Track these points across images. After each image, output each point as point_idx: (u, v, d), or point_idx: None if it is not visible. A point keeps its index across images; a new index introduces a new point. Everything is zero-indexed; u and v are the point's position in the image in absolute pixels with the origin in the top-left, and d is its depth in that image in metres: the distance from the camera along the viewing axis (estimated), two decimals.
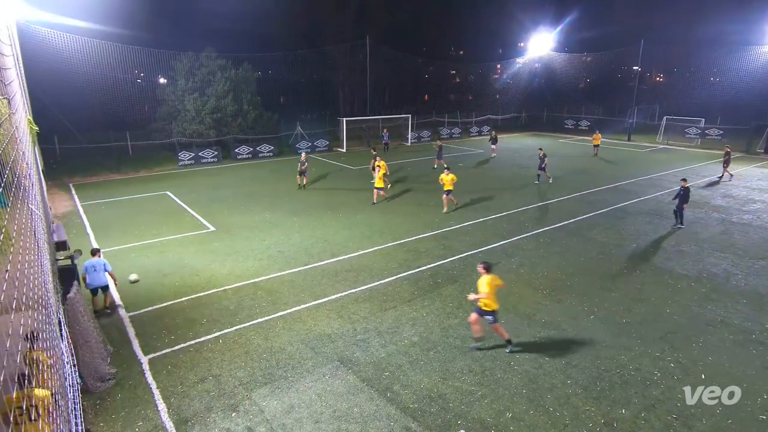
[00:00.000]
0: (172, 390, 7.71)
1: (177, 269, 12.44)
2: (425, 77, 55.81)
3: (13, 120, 6.60)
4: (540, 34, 47.14)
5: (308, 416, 7.10)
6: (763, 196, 20.09)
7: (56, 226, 12.08)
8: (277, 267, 12.60)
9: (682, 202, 15.65)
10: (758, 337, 9.26)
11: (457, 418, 7.06)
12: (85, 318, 7.86)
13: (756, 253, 13.59)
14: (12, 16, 16.40)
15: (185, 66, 29.68)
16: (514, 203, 18.87)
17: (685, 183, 15.82)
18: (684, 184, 15.78)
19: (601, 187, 21.71)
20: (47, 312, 4.85)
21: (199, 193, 20.65)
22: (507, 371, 8.18)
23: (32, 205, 6.25)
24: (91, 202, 19.18)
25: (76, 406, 5.50)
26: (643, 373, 8.14)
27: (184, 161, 27.27)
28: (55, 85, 25.07)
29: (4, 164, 4.14)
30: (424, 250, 13.74)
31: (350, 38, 40.50)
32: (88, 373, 7.63)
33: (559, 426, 6.91)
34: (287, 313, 10.13)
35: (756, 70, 35.22)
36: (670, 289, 11.35)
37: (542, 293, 11.13)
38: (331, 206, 18.50)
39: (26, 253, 4.39)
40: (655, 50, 40.74)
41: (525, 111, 50.10)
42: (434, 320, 9.84)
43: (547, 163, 22.36)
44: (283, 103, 43.64)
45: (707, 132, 35.34)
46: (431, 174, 24.69)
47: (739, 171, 25.62)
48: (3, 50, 8.09)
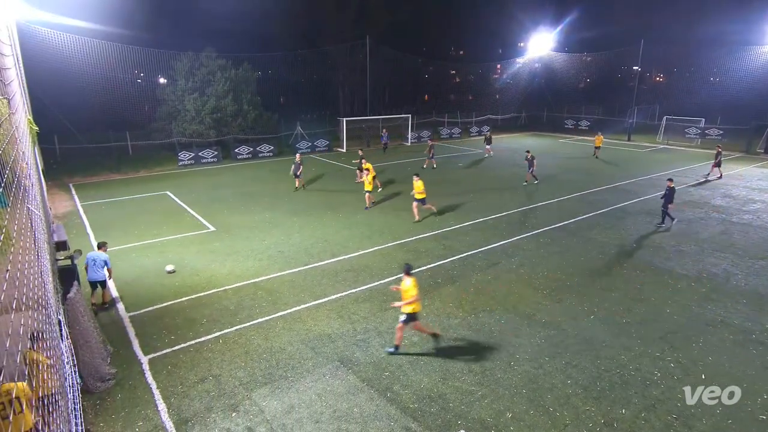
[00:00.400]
0: (172, 390, 7.71)
1: (177, 269, 12.43)
2: (425, 77, 55.83)
3: (13, 120, 6.60)
4: (540, 34, 47.15)
5: (308, 416, 7.10)
6: (763, 196, 20.09)
7: (56, 226, 12.09)
8: (277, 267, 12.60)
9: (668, 202, 15.69)
10: (758, 337, 9.26)
11: (457, 418, 7.06)
12: (85, 318, 7.86)
13: (756, 253, 13.59)
14: (12, 16, 16.40)
15: (185, 66, 29.68)
16: (514, 203, 18.87)
17: (671, 183, 15.81)
18: (670, 184, 15.77)
19: (601, 187, 21.71)
20: (47, 312, 4.85)
21: (199, 193, 20.65)
22: (507, 371, 8.18)
23: (32, 205, 6.25)
24: (91, 202, 19.18)
25: (76, 406, 5.50)
26: (643, 373, 8.14)
27: (184, 161, 27.27)
28: (55, 85, 25.07)
29: (4, 164, 4.14)
30: (424, 250, 13.74)
31: (350, 38, 40.51)
32: (88, 373, 7.63)
33: (559, 426, 6.91)
34: (287, 313, 10.13)
35: (756, 70, 35.23)
36: (670, 289, 11.35)
37: (542, 293, 11.13)
38: (331, 206, 18.50)
39: (26, 253, 4.39)
40: (655, 50, 40.72)
41: (525, 111, 50.10)
42: (434, 320, 9.84)
43: (535, 165, 22.10)
44: (283, 103, 43.64)
45: (707, 132, 35.35)
46: (425, 174, 24.69)
47: (739, 171, 25.64)
48: (3, 50, 8.10)
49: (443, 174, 24.86)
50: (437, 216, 16.90)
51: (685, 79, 48.37)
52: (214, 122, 29.95)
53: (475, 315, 10.09)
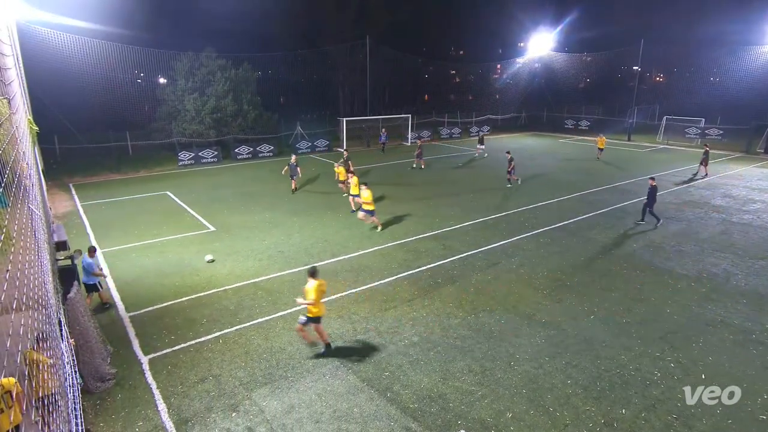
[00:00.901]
0: (172, 390, 7.71)
1: (177, 269, 12.43)
2: (425, 77, 55.82)
3: (13, 120, 6.61)
4: (540, 34, 47.13)
5: (308, 416, 7.10)
6: (763, 196, 20.09)
7: (56, 226, 12.08)
8: (277, 267, 12.60)
9: (651, 201, 15.84)
10: (758, 337, 9.26)
11: (457, 418, 7.06)
12: (85, 318, 7.86)
13: (756, 253, 13.59)
14: (12, 16, 16.41)
15: (185, 66, 29.68)
16: (514, 203, 18.87)
17: (653, 182, 15.91)
18: (652, 183, 15.89)
19: (601, 187, 21.71)
20: (47, 312, 4.86)
21: (199, 193, 20.65)
22: (507, 371, 8.18)
23: (33, 204, 6.25)
24: (91, 202, 19.19)
25: (76, 406, 5.50)
26: (643, 373, 8.14)
27: (184, 161, 27.27)
28: (55, 85, 25.06)
29: (4, 164, 4.14)
30: (424, 250, 13.74)
31: (350, 38, 40.51)
32: (88, 373, 7.63)
33: (559, 426, 6.91)
34: (287, 313, 10.13)
35: (756, 70, 35.22)
36: (670, 289, 11.35)
37: (542, 293, 11.13)
38: (331, 206, 18.50)
39: (26, 253, 4.39)
40: (655, 50, 40.71)
41: (525, 111, 50.10)
42: (434, 320, 9.84)
43: (513, 166, 21.65)
44: (283, 103, 43.63)
45: (707, 132, 35.35)
46: (423, 174, 24.70)
47: (739, 171, 25.65)
48: (3, 50, 8.10)
49: (443, 174, 24.87)
50: (378, 230, 15.50)
51: (685, 79, 48.35)
52: (214, 122, 29.94)
53: (475, 315, 10.09)
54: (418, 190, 21.25)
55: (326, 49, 41.11)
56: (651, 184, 15.82)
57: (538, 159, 29.62)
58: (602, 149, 29.31)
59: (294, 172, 20.49)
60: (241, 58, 32.34)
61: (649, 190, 15.78)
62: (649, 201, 15.84)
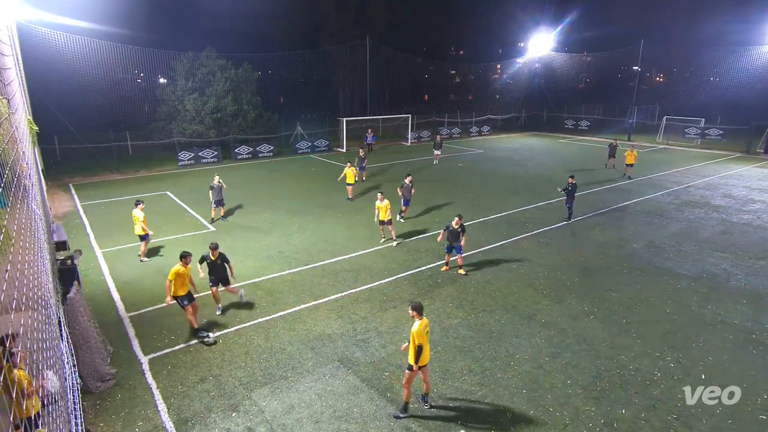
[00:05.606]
0: (172, 390, 7.71)
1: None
2: (425, 77, 55.82)
3: (13, 120, 6.60)
4: (540, 34, 47.13)
5: (308, 416, 7.10)
6: (763, 196, 20.09)
7: (56, 226, 12.08)
8: (277, 267, 12.59)
9: (570, 198, 16.13)
10: (758, 337, 9.26)
11: (457, 418, 7.06)
12: (85, 318, 7.85)
13: (756, 253, 13.59)
14: (12, 16, 16.41)
15: (185, 66, 29.68)
16: (514, 203, 18.86)
17: (572, 179, 16.13)
18: (571, 180, 16.11)
19: (601, 187, 21.70)
20: (47, 312, 4.85)
21: (199, 193, 20.64)
22: (507, 371, 8.18)
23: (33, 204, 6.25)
24: (91, 202, 19.18)
25: (76, 406, 5.50)
26: (643, 373, 8.14)
27: (184, 161, 27.26)
28: (55, 85, 25.07)
29: (4, 164, 4.14)
30: (424, 250, 13.74)
31: (350, 38, 40.54)
32: (88, 373, 7.63)
33: (559, 426, 6.91)
34: (287, 313, 10.13)
35: (756, 70, 35.22)
36: (670, 289, 11.34)
37: (542, 293, 11.12)
38: (331, 206, 18.49)
39: (26, 253, 4.39)
40: (655, 50, 40.70)
41: (525, 111, 50.10)
42: (434, 320, 9.83)
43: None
44: (283, 103, 43.62)
45: (707, 132, 35.35)
46: (424, 174, 24.68)
47: (739, 171, 25.64)
48: (3, 50, 8.10)
49: (443, 174, 24.86)
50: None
51: (685, 79, 48.38)
52: (214, 122, 29.94)
53: (475, 315, 10.09)
54: (417, 190, 21.20)
55: (326, 49, 41.14)
56: (570, 181, 16.11)
57: (538, 159, 29.62)
58: (632, 165, 23.35)
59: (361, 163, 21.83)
60: (241, 58, 32.35)
61: (570, 187, 16.05)
62: (568, 198, 16.20)
